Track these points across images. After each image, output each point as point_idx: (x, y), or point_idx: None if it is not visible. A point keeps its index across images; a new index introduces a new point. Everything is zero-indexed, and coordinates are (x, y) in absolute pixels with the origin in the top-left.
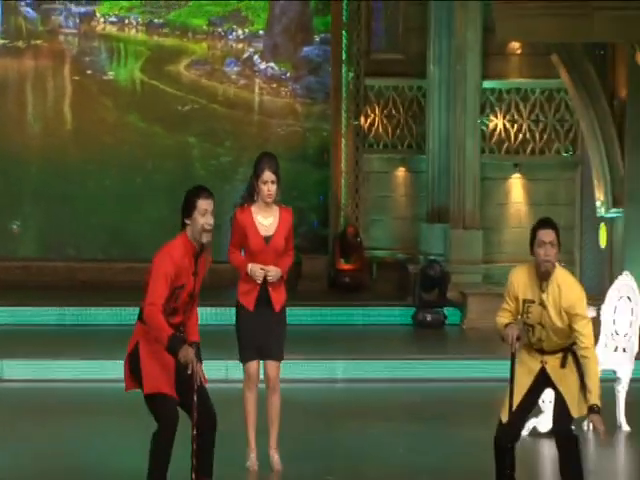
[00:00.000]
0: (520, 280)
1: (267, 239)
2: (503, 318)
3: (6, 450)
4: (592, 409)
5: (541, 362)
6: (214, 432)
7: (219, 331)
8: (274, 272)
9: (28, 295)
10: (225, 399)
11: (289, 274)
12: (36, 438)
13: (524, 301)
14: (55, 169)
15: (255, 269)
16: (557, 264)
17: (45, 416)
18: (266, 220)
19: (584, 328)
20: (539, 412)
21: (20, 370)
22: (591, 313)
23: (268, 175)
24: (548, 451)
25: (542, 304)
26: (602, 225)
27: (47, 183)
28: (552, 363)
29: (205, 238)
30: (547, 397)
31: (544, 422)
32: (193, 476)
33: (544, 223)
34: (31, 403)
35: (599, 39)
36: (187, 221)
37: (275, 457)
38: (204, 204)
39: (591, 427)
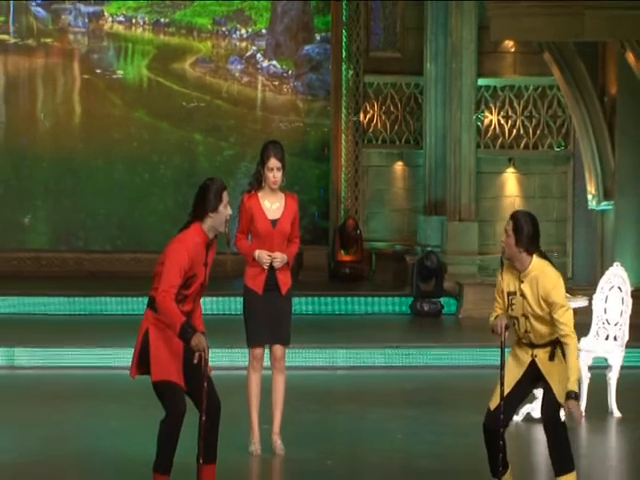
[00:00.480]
0: (505, 274)
1: (274, 222)
2: (494, 314)
3: (15, 435)
4: (569, 395)
5: (532, 355)
6: (218, 418)
7: (222, 320)
8: (280, 258)
9: (38, 285)
10: (229, 386)
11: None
12: (45, 423)
13: (508, 294)
14: (65, 164)
15: (262, 255)
16: (535, 255)
17: (54, 402)
18: (273, 205)
19: (562, 316)
20: (533, 398)
21: (31, 357)
22: (583, 303)
23: (274, 162)
24: (542, 436)
25: (522, 295)
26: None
27: (57, 177)
28: (542, 356)
29: (227, 228)
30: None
31: (538, 408)
32: (200, 461)
33: (512, 214)
34: (41, 390)
35: (590, 38)
36: (211, 214)
37: (278, 442)
38: (226, 196)
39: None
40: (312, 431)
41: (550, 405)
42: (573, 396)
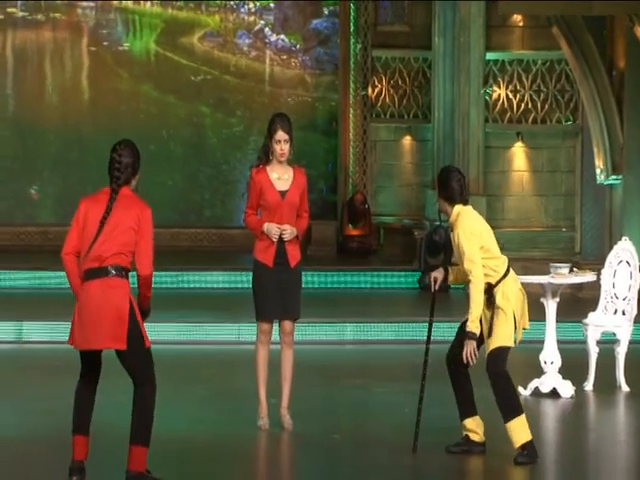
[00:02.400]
0: None
1: (283, 193)
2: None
3: (23, 409)
4: (467, 335)
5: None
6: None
7: (231, 294)
8: (289, 230)
9: (46, 259)
10: (237, 360)
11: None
12: (53, 398)
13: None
14: (72, 137)
15: (271, 227)
16: (460, 206)
17: (63, 377)
18: (281, 177)
19: (466, 263)
20: (541, 373)
21: (39, 332)
22: (591, 277)
23: (281, 134)
24: (550, 410)
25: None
26: None
27: (64, 151)
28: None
29: None
30: (549, 358)
31: (546, 383)
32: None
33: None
34: (49, 364)
35: (599, 12)
36: (137, 175)
37: (287, 417)
38: None
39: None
40: (320, 405)
41: (489, 356)
42: (471, 336)
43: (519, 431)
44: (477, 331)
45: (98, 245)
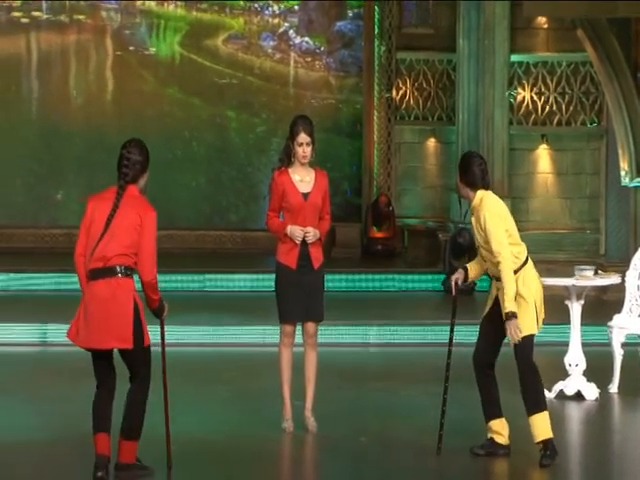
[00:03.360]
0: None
1: (305, 195)
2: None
3: (47, 412)
4: (507, 315)
5: (497, 289)
6: (138, 395)
7: (255, 297)
8: (312, 232)
9: (70, 262)
10: (262, 363)
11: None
12: (77, 400)
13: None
14: (97, 140)
15: (295, 229)
16: (482, 191)
17: (87, 379)
18: (304, 179)
19: (495, 245)
20: (566, 375)
21: (63, 334)
22: (616, 280)
23: (303, 137)
24: (575, 413)
25: (475, 226)
26: None
27: (89, 153)
28: (501, 291)
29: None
30: (574, 361)
31: (571, 385)
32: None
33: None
34: (73, 366)
35: (623, 14)
36: (145, 174)
37: (311, 419)
38: None
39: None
40: (345, 408)
41: (517, 346)
42: (510, 315)
43: (541, 426)
44: (516, 309)
45: (103, 245)
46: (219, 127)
